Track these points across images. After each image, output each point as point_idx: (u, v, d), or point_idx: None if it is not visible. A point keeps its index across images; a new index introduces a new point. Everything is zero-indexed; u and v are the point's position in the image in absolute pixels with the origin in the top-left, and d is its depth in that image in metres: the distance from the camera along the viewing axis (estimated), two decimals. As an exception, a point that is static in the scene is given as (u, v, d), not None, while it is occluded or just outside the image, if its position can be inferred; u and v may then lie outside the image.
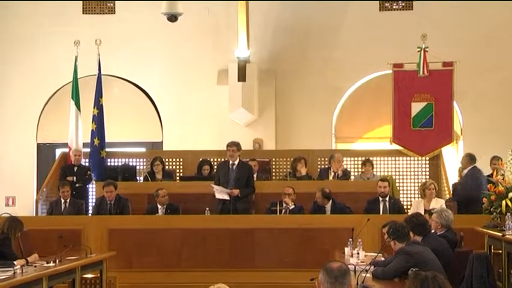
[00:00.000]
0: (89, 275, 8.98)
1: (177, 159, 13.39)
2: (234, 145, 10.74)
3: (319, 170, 12.71)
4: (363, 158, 12.71)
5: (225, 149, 11.11)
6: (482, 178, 10.72)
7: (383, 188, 10.67)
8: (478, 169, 11.01)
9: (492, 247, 8.81)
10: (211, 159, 12.67)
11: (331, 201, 10.60)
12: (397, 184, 12.69)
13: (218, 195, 10.62)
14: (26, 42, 14.78)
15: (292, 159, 12.53)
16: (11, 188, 14.48)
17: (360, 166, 12.96)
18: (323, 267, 4.04)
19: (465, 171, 11.10)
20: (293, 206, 10.59)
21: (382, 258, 7.21)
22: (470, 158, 11.10)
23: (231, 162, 10.77)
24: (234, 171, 10.71)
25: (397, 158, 12.92)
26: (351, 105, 14.78)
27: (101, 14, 14.94)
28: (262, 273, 9.84)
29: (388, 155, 12.66)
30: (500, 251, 8.41)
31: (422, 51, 12.60)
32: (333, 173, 12.04)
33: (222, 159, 11.43)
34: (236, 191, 10.53)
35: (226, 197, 10.54)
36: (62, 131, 13.80)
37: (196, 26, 14.58)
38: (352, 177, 12.47)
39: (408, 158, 12.96)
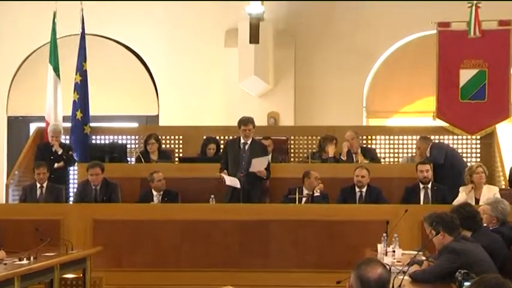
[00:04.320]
0: (70, 275, 9.00)
1: (176, 137, 13.38)
2: (250, 123, 10.72)
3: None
4: (402, 137, 12.70)
5: (234, 124, 11.05)
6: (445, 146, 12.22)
7: (425, 172, 10.63)
8: (436, 143, 12.12)
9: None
10: (218, 137, 12.64)
11: (366, 186, 10.63)
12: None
13: (229, 182, 10.63)
14: (-6, -4, 14.79)
15: (321, 137, 12.43)
16: (-24, 170, 14.55)
17: (395, 146, 12.96)
18: (357, 273, 3.98)
19: (428, 153, 11.71)
20: (317, 193, 10.60)
21: (423, 258, 7.17)
22: (424, 139, 11.98)
23: (242, 141, 10.74)
24: (247, 152, 10.71)
25: (441, 137, 12.83)
26: (385, 73, 14.73)
27: (84, -40, 14.88)
28: (278, 275, 9.83)
29: (430, 133, 12.57)
30: None
31: (473, 7, 12.50)
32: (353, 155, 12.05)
33: (231, 137, 11.37)
34: (263, 171, 10.57)
35: (238, 186, 10.55)
36: (37, 102, 13.82)
37: (199, -24, 14.54)
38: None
39: (455, 137, 12.89)
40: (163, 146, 12.91)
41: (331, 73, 14.59)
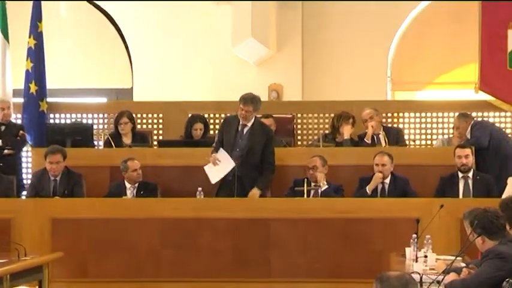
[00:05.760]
0: (23, 287, 8.96)
1: (155, 115, 13.42)
2: (251, 103, 10.61)
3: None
4: (437, 114, 12.72)
5: (225, 99, 11.03)
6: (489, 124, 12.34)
7: (464, 158, 10.64)
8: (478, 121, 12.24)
9: None
10: (207, 115, 12.64)
11: (390, 175, 10.63)
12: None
13: (213, 177, 10.60)
14: None
15: (334, 115, 12.42)
16: None
17: (428, 126, 13.01)
18: (376, 278, 4.01)
19: (468, 134, 11.80)
20: (326, 186, 10.62)
21: (462, 264, 7.17)
22: (463, 116, 12.02)
23: (242, 121, 10.72)
24: (246, 136, 10.71)
25: (485, 114, 12.85)
26: (416, 35, 14.74)
27: None
28: (282, 286, 9.87)
29: (472, 109, 12.57)
30: None
31: (525, -46, 12.53)
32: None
33: (223, 115, 11.35)
34: (257, 193, 10.54)
35: (230, 166, 10.51)
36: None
37: None
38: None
39: (502, 114, 12.92)
40: (139, 126, 12.95)
41: (348, 35, 14.58)
